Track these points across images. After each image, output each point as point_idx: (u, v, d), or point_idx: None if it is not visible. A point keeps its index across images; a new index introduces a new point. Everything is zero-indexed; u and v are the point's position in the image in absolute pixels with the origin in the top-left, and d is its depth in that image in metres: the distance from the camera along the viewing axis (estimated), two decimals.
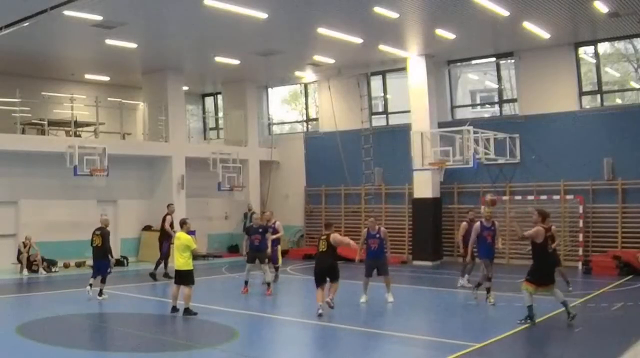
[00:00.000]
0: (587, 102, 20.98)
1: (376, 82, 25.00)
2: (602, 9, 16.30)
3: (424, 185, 21.75)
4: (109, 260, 14.63)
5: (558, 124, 20.42)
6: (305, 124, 27.72)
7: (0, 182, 19.82)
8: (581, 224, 19.59)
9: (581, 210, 19.56)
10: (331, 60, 22.50)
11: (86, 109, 22.94)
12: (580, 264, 19.18)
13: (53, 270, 19.73)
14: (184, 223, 12.92)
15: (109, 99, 24.50)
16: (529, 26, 17.94)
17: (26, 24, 15.86)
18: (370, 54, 21.46)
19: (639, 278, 17.14)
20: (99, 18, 16.28)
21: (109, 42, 18.78)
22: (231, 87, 26.86)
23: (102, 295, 14.57)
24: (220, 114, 29.02)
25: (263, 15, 16.33)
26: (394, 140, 23.20)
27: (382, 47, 20.47)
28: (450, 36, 18.95)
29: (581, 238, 19.56)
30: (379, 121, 24.85)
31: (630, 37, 19.85)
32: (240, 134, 26.17)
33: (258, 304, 14.31)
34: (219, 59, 21.83)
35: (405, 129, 21.71)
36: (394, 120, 24.40)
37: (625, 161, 19.23)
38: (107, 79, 25.23)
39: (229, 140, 26.54)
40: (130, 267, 21.55)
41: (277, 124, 28.47)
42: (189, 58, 22.79)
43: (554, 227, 14.97)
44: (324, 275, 12.73)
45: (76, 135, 22.13)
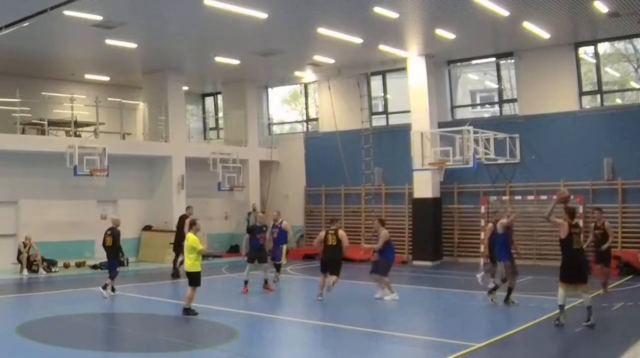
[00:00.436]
0: (587, 102, 20.98)
1: (376, 82, 24.99)
2: (602, 9, 16.30)
3: (424, 185, 21.75)
4: (119, 260, 15.06)
5: (558, 124, 20.42)
6: (305, 124, 27.72)
7: (0, 182, 19.83)
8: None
9: (581, 210, 19.52)
10: (331, 60, 22.50)
11: (86, 109, 22.94)
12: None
13: (53, 270, 19.72)
14: (193, 224, 12.86)
15: (109, 99, 24.50)
16: (529, 26, 17.94)
17: (26, 24, 15.86)
18: (370, 54, 21.46)
19: (639, 278, 17.15)
20: (99, 18, 16.28)
21: (109, 42, 18.78)
22: (231, 87, 26.86)
23: (105, 289, 14.69)
24: (220, 114, 29.03)
25: (263, 15, 16.33)
26: (394, 140, 23.20)
27: (382, 47, 20.47)
28: (450, 36, 18.95)
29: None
30: (379, 121, 24.85)
31: (630, 37, 19.85)
32: (240, 134, 26.17)
33: (258, 304, 14.31)
34: (219, 59, 21.84)
35: (405, 129, 21.71)
36: (394, 120, 24.39)
37: (625, 161, 19.23)
38: (107, 79, 25.23)
39: (229, 140, 26.55)
40: (130, 267, 21.52)
41: (277, 124, 28.47)
42: (189, 58, 22.80)
43: (607, 223, 15.01)
44: (331, 267, 13.96)
45: (76, 135, 22.13)
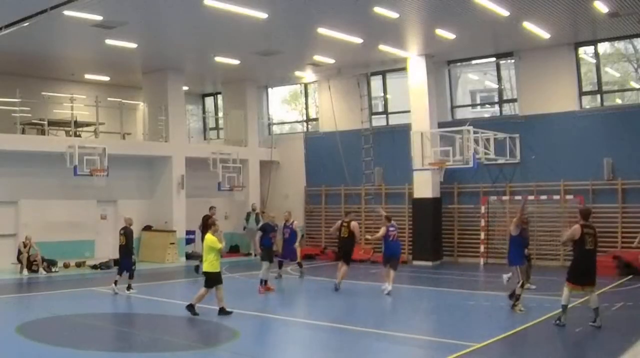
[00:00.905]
0: (587, 102, 20.97)
1: (376, 82, 24.99)
2: (602, 9, 16.30)
3: (424, 185, 21.74)
4: (131, 258, 15.33)
5: (558, 124, 20.41)
6: (305, 124, 27.72)
7: (0, 182, 19.82)
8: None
9: None
10: (331, 60, 22.50)
11: (86, 109, 22.93)
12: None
13: (53, 270, 19.71)
14: (212, 225, 12.79)
15: (109, 99, 24.50)
16: (529, 26, 17.93)
17: (26, 24, 15.86)
18: (370, 54, 21.46)
19: (639, 278, 17.15)
20: (99, 18, 16.27)
21: (109, 42, 18.78)
22: (231, 87, 26.86)
23: (130, 289, 15.26)
24: (220, 114, 29.02)
25: (263, 15, 16.33)
26: (394, 140, 23.20)
27: (382, 47, 20.47)
28: (450, 36, 18.95)
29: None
30: (379, 121, 24.85)
31: (630, 37, 19.86)
32: (240, 134, 26.17)
33: (259, 304, 14.30)
34: (219, 59, 21.84)
35: (405, 129, 21.71)
36: (394, 120, 24.39)
37: (625, 161, 19.23)
38: (107, 79, 25.23)
39: (229, 140, 26.54)
40: None
41: (277, 124, 28.47)
42: (189, 58, 22.79)
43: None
44: (343, 257, 15.88)
45: (76, 135, 22.13)
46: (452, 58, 22.61)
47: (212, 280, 12.41)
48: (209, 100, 30.69)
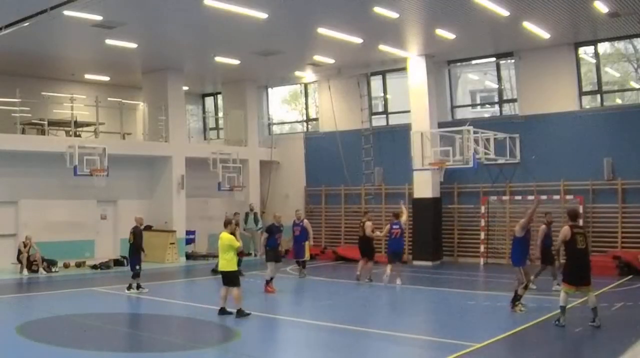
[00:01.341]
0: (587, 102, 20.97)
1: (376, 82, 24.99)
2: (602, 9, 16.30)
3: (424, 185, 21.74)
4: (139, 257, 15.33)
5: (558, 124, 20.41)
6: (305, 124, 27.72)
7: (0, 182, 19.82)
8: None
9: (581, 210, 19.50)
10: (331, 60, 22.50)
11: (86, 109, 22.93)
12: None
13: (53, 270, 19.71)
14: (228, 223, 12.69)
15: (109, 99, 24.48)
16: (529, 26, 17.93)
17: (26, 24, 15.86)
18: (370, 54, 21.46)
19: (639, 278, 17.15)
20: (99, 18, 16.28)
21: (109, 42, 18.78)
22: (231, 87, 26.86)
23: (139, 288, 15.30)
24: (220, 114, 29.02)
25: (263, 15, 16.33)
26: (394, 140, 23.20)
27: (382, 47, 20.46)
28: (450, 36, 18.95)
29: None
30: (379, 121, 24.84)
31: (630, 37, 19.85)
32: (240, 134, 26.17)
33: (259, 304, 14.29)
34: (219, 59, 21.84)
35: (405, 129, 21.71)
36: (394, 120, 24.39)
37: (625, 161, 19.22)
38: (107, 79, 25.23)
39: (229, 140, 26.54)
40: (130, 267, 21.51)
41: (277, 124, 28.47)
42: (189, 58, 22.79)
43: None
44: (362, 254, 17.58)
45: (76, 135, 22.13)
46: (452, 58, 22.61)
47: (230, 279, 12.34)
48: (209, 100, 30.69)
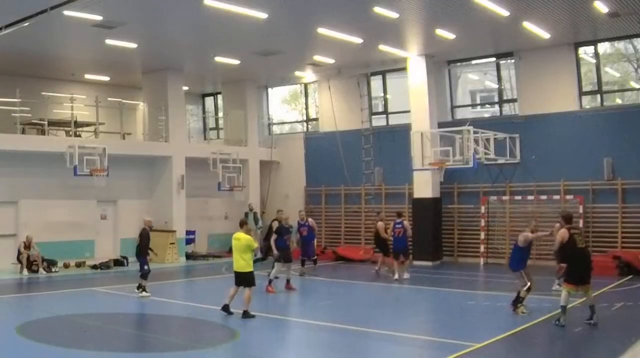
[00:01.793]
0: (587, 102, 20.97)
1: (376, 82, 24.99)
2: (602, 9, 16.30)
3: (424, 185, 21.74)
4: (146, 258, 15.08)
5: (558, 124, 20.41)
6: (305, 124, 27.72)
7: (0, 182, 19.82)
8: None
9: (581, 210, 19.53)
10: (331, 60, 22.50)
11: (86, 109, 22.93)
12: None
13: (53, 270, 19.71)
14: (244, 224, 12.73)
15: (109, 99, 24.48)
16: (529, 26, 17.93)
17: (26, 24, 15.85)
18: (370, 54, 21.45)
19: (639, 278, 17.15)
20: (99, 18, 16.27)
21: (109, 42, 18.78)
22: (231, 87, 26.86)
23: (144, 290, 14.88)
24: (220, 114, 29.02)
25: (263, 15, 16.33)
26: (394, 140, 23.20)
27: (382, 47, 20.46)
28: (450, 36, 18.94)
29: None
30: (379, 121, 24.84)
31: (630, 37, 19.85)
32: (240, 134, 26.17)
33: (259, 304, 14.28)
34: (219, 59, 21.84)
35: (405, 129, 21.71)
36: (394, 120, 24.39)
37: (625, 161, 19.22)
38: (107, 79, 25.22)
39: (229, 140, 26.54)
40: (130, 267, 21.49)
41: (277, 124, 28.47)
42: (189, 58, 22.79)
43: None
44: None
45: (76, 135, 22.13)
46: (452, 58, 22.61)
47: (246, 279, 12.33)
48: (209, 100, 30.69)
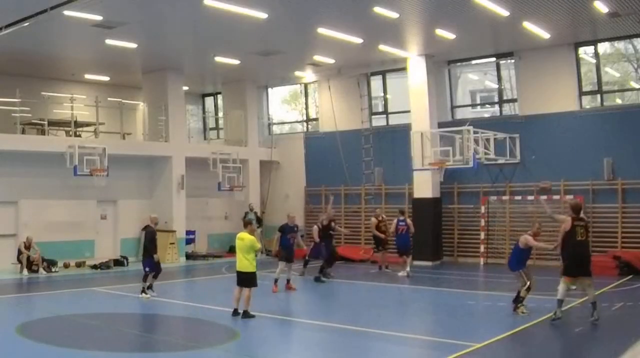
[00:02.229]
0: (587, 102, 20.97)
1: (376, 82, 24.99)
2: (602, 9, 16.29)
3: (424, 185, 21.73)
4: (152, 258, 14.57)
5: (558, 124, 20.41)
6: (305, 124, 27.72)
7: (0, 182, 19.82)
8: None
9: None
10: (331, 60, 22.50)
11: (86, 109, 22.93)
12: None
13: (53, 270, 19.71)
14: (249, 223, 12.72)
15: (109, 99, 24.49)
16: (529, 26, 17.93)
17: (26, 24, 15.85)
18: (370, 54, 21.45)
19: (639, 278, 17.15)
20: (99, 18, 16.27)
21: (109, 42, 18.77)
22: (231, 87, 26.86)
23: (146, 292, 14.59)
24: (220, 114, 29.02)
25: (263, 15, 16.33)
26: (394, 140, 23.20)
27: (382, 47, 20.46)
28: (450, 36, 18.94)
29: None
30: (379, 121, 24.84)
31: (630, 37, 19.84)
32: (240, 134, 26.17)
33: (259, 304, 14.29)
34: (219, 59, 21.83)
35: (405, 129, 21.70)
36: (394, 120, 24.39)
37: (625, 161, 19.22)
38: (107, 79, 25.22)
39: (229, 140, 26.55)
40: (130, 267, 21.52)
41: (277, 124, 28.47)
42: (189, 58, 22.79)
43: None
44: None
45: (76, 135, 22.13)
46: (452, 58, 22.61)
47: (248, 279, 12.31)
48: (209, 100, 30.69)
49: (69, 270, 20.38)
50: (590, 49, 20.68)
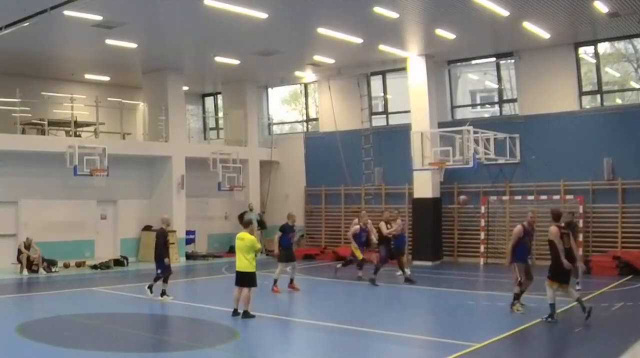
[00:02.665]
0: (587, 102, 20.97)
1: (376, 82, 24.99)
2: (602, 9, 16.30)
3: (424, 185, 21.74)
4: (162, 261, 14.37)
5: (558, 124, 20.41)
6: (305, 124, 27.72)
7: (0, 182, 19.82)
8: (581, 224, 19.56)
9: (581, 210, 19.55)
10: (331, 60, 22.50)
11: (86, 109, 22.93)
12: (580, 264, 19.10)
13: (53, 270, 19.70)
14: (249, 224, 12.79)
15: (109, 99, 24.49)
16: (529, 26, 17.93)
17: (26, 24, 15.85)
18: (370, 54, 21.45)
19: (639, 278, 17.15)
20: (99, 18, 16.28)
21: (109, 42, 18.78)
22: (231, 87, 26.86)
23: (151, 291, 14.45)
24: (220, 114, 29.02)
25: (263, 15, 16.33)
26: (394, 140, 23.19)
27: (382, 47, 20.46)
28: (450, 36, 18.95)
29: (581, 238, 19.50)
30: (379, 121, 24.84)
31: (630, 37, 19.85)
32: (240, 134, 26.17)
33: (258, 304, 14.29)
34: (219, 59, 21.83)
35: (405, 129, 21.71)
36: (394, 120, 24.39)
37: (625, 161, 19.23)
38: (107, 79, 25.22)
39: (229, 140, 26.55)
40: (130, 267, 21.54)
41: (277, 124, 28.47)
42: (189, 58, 22.79)
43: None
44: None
45: (76, 135, 22.13)
46: (452, 58, 22.61)
47: (248, 279, 12.31)
48: (209, 100, 30.69)
49: (69, 270, 20.38)
50: (590, 49, 20.68)
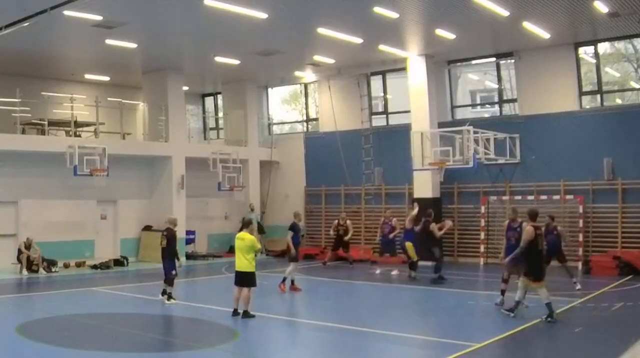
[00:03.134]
0: (587, 102, 20.98)
1: (376, 82, 24.99)
2: (602, 9, 16.30)
3: (424, 185, 21.73)
4: (174, 262, 14.04)
5: (558, 124, 20.41)
6: (305, 124, 27.73)
7: (0, 182, 19.82)
8: (581, 224, 19.59)
9: (581, 210, 19.55)
10: (331, 60, 22.50)
11: (86, 109, 22.93)
12: (580, 264, 19.13)
13: (53, 270, 19.71)
14: (249, 223, 12.81)
15: (109, 99, 24.49)
16: (529, 26, 17.93)
17: (26, 24, 15.85)
18: (370, 54, 21.45)
19: (639, 278, 17.15)
20: (99, 18, 16.28)
21: (109, 42, 18.77)
22: (231, 87, 26.86)
23: (169, 298, 13.94)
24: (220, 114, 29.02)
25: (263, 15, 16.33)
26: (394, 140, 23.19)
27: (382, 47, 20.47)
28: (450, 36, 18.95)
29: (581, 238, 19.54)
30: (379, 121, 24.84)
31: (630, 37, 19.85)
32: (240, 134, 26.17)
33: (258, 304, 14.29)
34: (219, 59, 21.83)
35: (405, 129, 21.71)
36: (394, 120, 24.39)
37: (625, 161, 19.23)
38: (107, 79, 25.22)
39: (229, 140, 26.55)
40: (130, 267, 21.54)
41: (277, 124, 28.47)
42: (189, 58, 22.79)
43: (560, 228, 15.35)
44: None
45: (76, 135, 22.13)
46: (452, 58, 22.61)
47: (248, 279, 12.32)
48: (209, 100, 30.68)
49: (69, 270, 20.38)
50: (590, 49, 20.68)
